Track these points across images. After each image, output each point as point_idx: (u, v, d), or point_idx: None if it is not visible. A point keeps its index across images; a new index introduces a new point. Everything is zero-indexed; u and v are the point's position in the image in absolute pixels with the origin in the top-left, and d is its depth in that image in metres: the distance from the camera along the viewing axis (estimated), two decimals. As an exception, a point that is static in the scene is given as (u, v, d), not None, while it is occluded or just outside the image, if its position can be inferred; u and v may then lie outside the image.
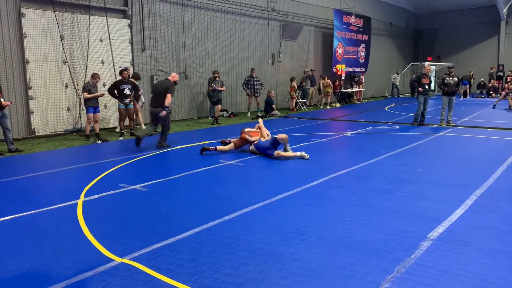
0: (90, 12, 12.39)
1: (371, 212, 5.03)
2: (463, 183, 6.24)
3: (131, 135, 11.57)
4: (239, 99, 17.71)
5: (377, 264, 3.65)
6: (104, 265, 3.70)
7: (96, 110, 10.87)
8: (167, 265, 3.68)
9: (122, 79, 11.17)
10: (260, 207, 5.25)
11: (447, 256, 3.79)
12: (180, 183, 6.56)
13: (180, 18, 14.96)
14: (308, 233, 4.38)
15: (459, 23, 30.16)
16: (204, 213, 5.06)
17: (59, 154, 9.24)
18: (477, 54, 30.17)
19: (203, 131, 12.60)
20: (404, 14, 30.46)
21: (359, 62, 24.01)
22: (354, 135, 11.20)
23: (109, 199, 5.76)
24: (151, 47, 14.17)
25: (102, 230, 4.56)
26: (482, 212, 4.97)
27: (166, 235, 4.34)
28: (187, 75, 15.42)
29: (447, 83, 12.70)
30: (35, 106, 11.46)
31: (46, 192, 6.22)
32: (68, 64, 11.99)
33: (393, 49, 29.81)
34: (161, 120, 9.53)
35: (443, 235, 4.26)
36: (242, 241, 4.18)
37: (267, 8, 18.51)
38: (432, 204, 5.26)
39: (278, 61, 19.65)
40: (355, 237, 4.26)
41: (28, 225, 4.77)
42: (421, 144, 9.66)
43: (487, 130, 11.58)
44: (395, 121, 13.91)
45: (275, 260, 3.75)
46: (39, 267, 3.70)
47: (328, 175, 6.80)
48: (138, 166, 7.87)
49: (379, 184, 6.24)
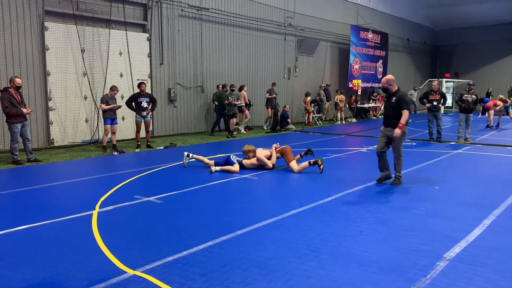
0: (111, 26, 12.67)
1: (386, 229, 4.96)
2: (481, 202, 6.12)
3: (147, 147, 11.69)
4: (255, 113, 17.77)
5: (391, 284, 3.58)
6: (116, 277, 3.71)
7: (113, 122, 11.02)
8: (179, 278, 3.68)
9: (140, 92, 11.34)
10: (273, 222, 5.22)
11: (463, 277, 3.70)
12: (194, 196, 6.57)
13: (198, 32, 15.18)
14: (321, 250, 4.33)
15: (478, 39, 29.90)
16: (217, 226, 5.05)
17: (76, 165, 9.38)
18: (496, 71, 29.80)
19: (218, 144, 12.65)
20: (422, 30, 30.35)
21: (377, 78, 23.94)
22: (369, 151, 11.11)
23: (124, 210, 5.81)
24: (169, 61, 14.38)
25: (115, 241, 4.59)
26: (501, 232, 4.86)
27: (178, 248, 4.34)
28: (203, 88, 15.57)
29: (464, 100, 12.57)
30: (55, 117, 11.69)
31: (62, 202, 6.29)
32: (87, 76, 12.24)
33: (410, 65, 29.66)
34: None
35: (460, 255, 4.17)
36: (254, 256, 4.15)
37: (284, 24, 18.66)
38: (449, 223, 5.16)
39: (294, 75, 19.72)
40: (369, 255, 4.20)
41: (43, 235, 4.83)
42: (438, 161, 9.52)
43: (506, 149, 11.36)
44: (412, 137, 13.76)
45: (287, 277, 3.71)
46: (53, 277, 3.73)
47: (343, 191, 6.74)
48: (154, 178, 7.93)
49: (394, 201, 6.16)
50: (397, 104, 7.03)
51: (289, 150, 8.55)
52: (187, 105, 15.16)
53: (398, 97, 7.06)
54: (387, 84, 7.26)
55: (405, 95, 7.21)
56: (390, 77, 7.30)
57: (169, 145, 12.07)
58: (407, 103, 7.11)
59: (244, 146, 8.60)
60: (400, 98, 7.06)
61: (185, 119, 15.18)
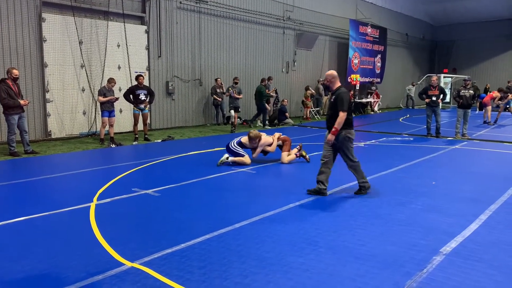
0: (109, 18, 12.60)
1: (383, 224, 4.98)
2: (478, 197, 6.14)
3: (145, 140, 11.67)
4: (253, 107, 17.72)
5: (388, 278, 3.60)
6: (114, 269, 3.72)
7: (111, 114, 10.99)
8: (177, 271, 3.69)
9: (138, 84, 11.31)
10: (271, 216, 5.23)
11: (460, 271, 3.72)
12: (192, 189, 6.58)
13: (197, 25, 15.11)
14: (319, 243, 4.35)
15: (477, 35, 29.89)
16: (215, 220, 5.06)
17: (73, 157, 9.36)
18: (494, 68, 29.82)
19: (216, 137, 12.64)
20: (421, 26, 30.30)
21: (375, 73, 23.93)
22: (367, 145, 11.13)
23: (122, 203, 5.81)
24: (167, 54, 14.32)
25: (113, 233, 4.60)
26: (497, 227, 4.88)
27: (177, 241, 4.35)
28: (201, 82, 15.53)
29: (462, 96, 12.60)
30: (52, 109, 11.64)
31: (60, 194, 6.29)
32: (85, 68, 12.18)
33: (409, 60, 29.64)
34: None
35: (456, 250, 4.20)
36: (252, 250, 4.17)
37: (283, 17, 18.59)
38: (446, 218, 5.19)
39: (293, 69, 19.68)
40: (366, 249, 4.22)
41: (41, 227, 4.83)
42: (435, 156, 9.55)
43: (503, 144, 11.40)
44: (409, 132, 13.79)
45: (285, 270, 3.73)
46: (51, 269, 3.74)
47: (340, 185, 6.76)
48: (151, 170, 7.93)
49: (392, 196, 6.18)
50: (335, 104, 6.03)
51: (289, 142, 8.78)
52: (185, 98, 15.13)
53: (336, 96, 6.05)
54: (327, 81, 6.23)
55: (345, 93, 6.04)
56: (331, 73, 6.15)
57: (167, 138, 12.06)
58: (343, 103, 5.94)
59: (252, 132, 8.53)
60: (337, 96, 6.01)
61: (183, 112, 15.15)
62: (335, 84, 6.16)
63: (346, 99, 5.99)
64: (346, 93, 6.07)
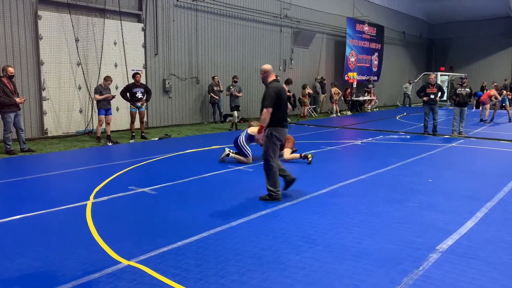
0: (105, 16, 12.55)
1: (380, 222, 4.99)
2: (474, 195, 6.16)
3: (141, 138, 11.65)
4: (250, 104, 17.73)
5: (384, 275, 3.61)
6: (111, 267, 3.71)
7: (108, 112, 10.96)
8: (173, 269, 3.69)
9: (135, 82, 11.28)
10: (268, 214, 5.23)
11: (456, 269, 3.74)
12: (189, 187, 6.57)
13: (194, 23, 15.07)
14: (316, 241, 4.36)
15: (474, 33, 29.95)
16: (211, 218, 5.06)
17: (70, 155, 9.33)
18: (491, 66, 29.91)
19: (213, 136, 12.63)
20: (418, 24, 30.34)
21: (372, 71, 23.95)
22: (364, 143, 11.14)
23: (118, 201, 5.79)
24: (164, 51, 14.28)
25: (110, 232, 4.59)
26: (493, 225, 4.90)
27: (173, 239, 4.35)
28: (198, 80, 15.51)
29: (458, 94, 12.64)
30: (48, 107, 11.60)
31: (56, 193, 6.27)
32: (82, 66, 12.13)
33: (406, 58, 29.68)
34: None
35: (453, 248, 4.21)
36: (249, 247, 4.17)
37: (280, 15, 18.57)
38: (442, 216, 5.20)
39: (290, 67, 19.68)
40: (363, 246, 4.23)
41: (37, 225, 4.82)
42: (432, 154, 9.57)
43: (499, 142, 11.44)
44: (406, 130, 13.81)
45: (281, 268, 3.73)
46: (47, 267, 3.73)
47: (337, 183, 6.76)
48: (148, 169, 7.91)
49: (388, 194, 6.19)
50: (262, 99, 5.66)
51: (292, 140, 8.74)
52: (182, 96, 15.10)
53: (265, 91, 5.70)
54: (261, 75, 5.90)
55: (272, 89, 5.61)
56: (264, 67, 5.80)
57: (163, 136, 12.04)
58: (266, 99, 5.54)
59: (254, 121, 8.45)
60: (264, 92, 5.66)
61: (180, 110, 15.13)
62: (268, 77, 5.81)
63: (271, 95, 5.55)
64: (274, 89, 5.63)
